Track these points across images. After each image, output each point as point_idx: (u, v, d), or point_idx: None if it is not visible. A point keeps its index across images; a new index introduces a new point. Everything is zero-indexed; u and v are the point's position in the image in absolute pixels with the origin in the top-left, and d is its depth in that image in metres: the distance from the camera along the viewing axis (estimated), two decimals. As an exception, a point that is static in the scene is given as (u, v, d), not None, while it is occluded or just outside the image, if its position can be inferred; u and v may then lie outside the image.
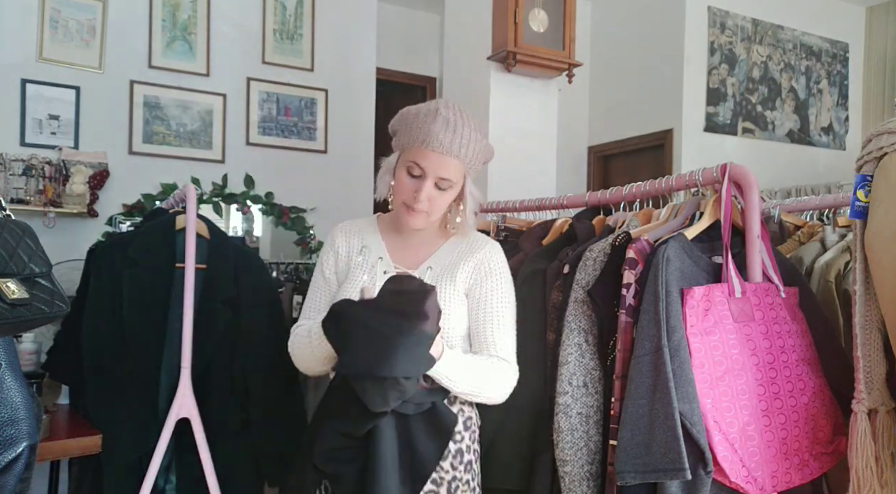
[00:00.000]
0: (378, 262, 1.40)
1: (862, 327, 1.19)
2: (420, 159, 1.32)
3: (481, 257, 1.41)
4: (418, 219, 1.35)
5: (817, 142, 4.80)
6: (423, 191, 1.31)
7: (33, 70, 2.95)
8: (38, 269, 1.39)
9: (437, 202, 1.34)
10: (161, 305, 1.87)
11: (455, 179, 1.34)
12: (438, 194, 1.34)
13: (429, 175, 1.32)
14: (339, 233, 1.47)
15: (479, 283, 1.39)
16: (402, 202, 1.35)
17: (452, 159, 1.32)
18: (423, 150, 1.31)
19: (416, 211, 1.34)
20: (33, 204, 2.78)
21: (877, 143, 1.15)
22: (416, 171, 1.32)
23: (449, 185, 1.34)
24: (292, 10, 3.58)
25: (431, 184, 1.32)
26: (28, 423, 1.39)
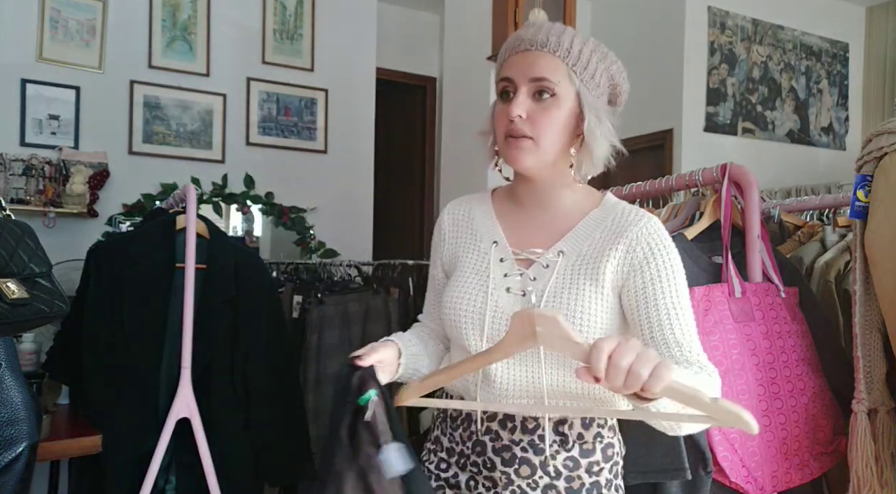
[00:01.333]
0: (492, 248, 1.09)
1: (862, 327, 1.19)
2: (506, 69, 1.05)
3: (634, 237, 1.02)
4: (523, 152, 1.02)
5: (817, 142, 4.79)
6: (516, 104, 1.01)
7: (33, 70, 2.95)
8: (38, 269, 1.40)
9: (541, 121, 1.01)
10: (161, 305, 1.87)
11: (555, 80, 1.01)
12: (539, 108, 1.01)
13: (519, 82, 1.02)
14: (447, 215, 1.20)
15: (637, 272, 1.01)
16: (501, 136, 1.05)
17: (544, 54, 1.02)
18: (508, 60, 1.05)
19: (517, 137, 1.02)
20: (33, 204, 2.78)
21: (877, 143, 1.15)
22: (507, 88, 1.04)
23: (550, 91, 1.01)
24: (292, 10, 3.58)
25: (525, 93, 1.02)
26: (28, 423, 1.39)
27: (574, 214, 1.09)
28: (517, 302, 1.03)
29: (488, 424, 1.06)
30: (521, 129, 1.01)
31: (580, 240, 1.05)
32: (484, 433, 1.06)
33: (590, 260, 1.03)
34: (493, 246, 1.10)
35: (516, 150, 1.02)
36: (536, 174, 1.06)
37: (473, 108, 2.97)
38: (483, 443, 1.06)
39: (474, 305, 1.05)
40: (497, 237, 1.11)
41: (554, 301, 1.01)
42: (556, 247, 1.06)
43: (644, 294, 1.00)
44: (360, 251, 3.59)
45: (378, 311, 2.62)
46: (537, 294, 1.02)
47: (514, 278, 1.05)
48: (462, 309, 1.06)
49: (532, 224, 1.10)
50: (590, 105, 1.03)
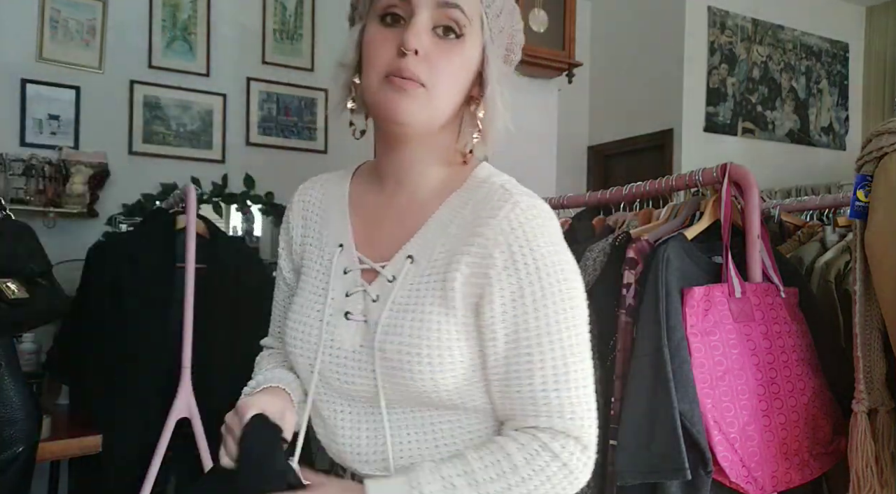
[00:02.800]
0: (336, 254, 0.82)
1: (862, 327, 1.19)
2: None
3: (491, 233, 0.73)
4: (410, 100, 0.74)
5: (817, 142, 4.79)
6: (414, 32, 0.73)
7: (33, 70, 2.94)
8: (38, 269, 1.40)
9: (441, 64, 0.75)
10: (161, 305, 1.87)
11: (469, 15, 0.75)
12: (440, 48, 0.75)
13: (419, 4, 0.74)
14: (296, 202, 0.93)
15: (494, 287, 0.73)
16: (378, 75, 0.75)
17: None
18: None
19: (407, 74, 0.73)
20: (33, 204, 2.78)
21: (877, 143, 1.15)
22: (398, 7, 0.75)
23: (458, 28, 0.75)
24: (292, 10, 3.58)
25: (426, 21, 0.74)
26: (27, 423, 1.39)
27: (432, 200, 0.80)
28: (358, 331, 0.78)
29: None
30: (412, 69, 0.73)
31: (432, 239, 0.77)
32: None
33: (438, 270, 0.75)
34: (337, 250, 0.83)
35: (401, 96, 0.73)
36: (413, 137, 0.78)
37: (473, 108, 2.97)
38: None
39: (308, 338, 0.80)
40: (343, 238, 0.83)
41: (393, 330, 0.74)
42: (403, 250, 0.78)
43: (503, 320, 0.72)
44: (360, 251, 3.59)
45: (378, 311, 2.62)
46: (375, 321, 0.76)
47: (356, 297, 0.79)
48: (297, 343, 0.82)
49: (387, 213, 0.83)
50: (495, 64, 0.80)
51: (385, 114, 0.76)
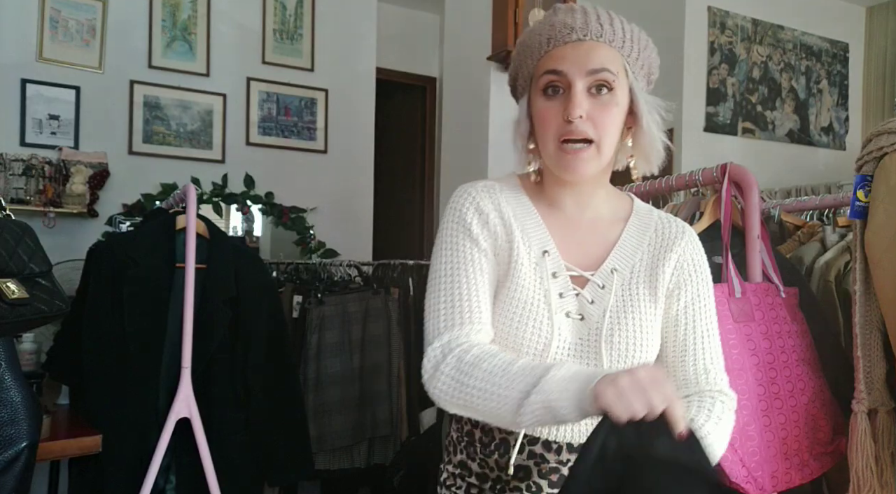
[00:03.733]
0: (543, 259, 0.95)
1: (862, 327, 1.19)
2: (554, 62, 0.91)
3: (682, 251, 0.99)
4: (584, 161, 0.90)
5: (817, 142, 4.79)
6: (576, 103, 0.88)
7: (33, 70, 2.95)
8: (38, 269, 1.40)
9: (603, 120, 0.90)
10: (161, 305, 1.87)
11: (615, 71, 0.90)
12: (598, 105, 0.90)
13: (574, 77, 0.89)
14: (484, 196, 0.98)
15: (682, 290, 0.98)
16: (552, 141, 0.91)
17: (601, 44, 0.91)
18: (553, 51, 0.92)
19: (578, 136, 0.89)
20: (33, 204, 2.78)
21: (877, 143, 1.15)
22: (557, 82, 0.91)
23: (609, 85, 0.90)
24: (292, 10, 3.58)
25: (583, 89, 0.89)
26: (28, 423, 1.39)
27: (614, 222, 1.00)
28: (575, 328, 0.94)
29: (530, 448, 0.95)
30: (583, 132, 0.89)
31: (630, 255, 0.98)
32: (528, 457, 0.95)
33: (644, 277, 0.97)
34: (544, 256, 0.95)
35: (577, 159, 0.90)
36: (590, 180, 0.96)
37: (473, 108, 2.97)
38: (527, 468, 0.95)
39: (539, 334, 0.92)
40: (547, 245, 0.96)
41: (617, 326, 0.93)
42: (608, 263, 0.97)
43: (685, 314, 0.97)
44: (360, 251, 3.59)
45: (378, 311, 2.62)
46: (596, 318, 0.93)
47: (569, 299, 0.94)
48: (525, 336, 0.92)
49: (575, 232, 0.98)
50: (644, 99, 0.95)
51: (563, 172, 0.93)
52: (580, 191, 0.99)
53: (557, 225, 0.98)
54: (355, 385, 2.57)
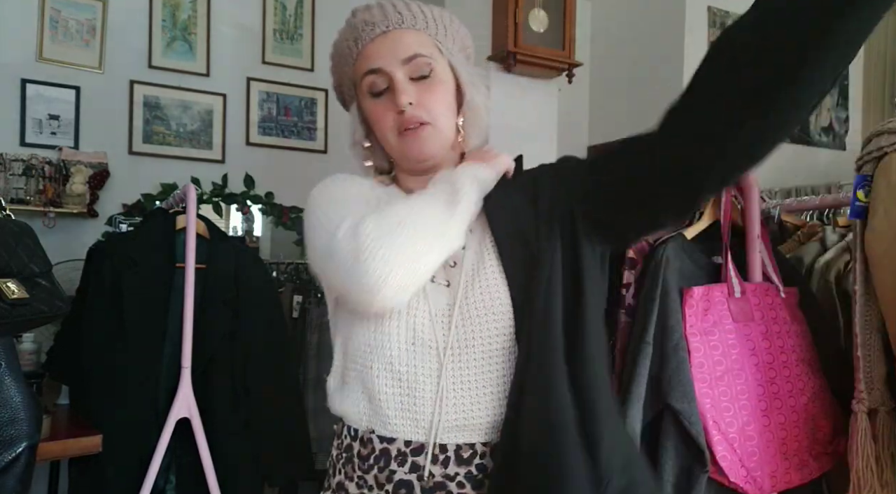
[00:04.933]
0: None
1: (862, 327, 1.19)
2: (368, 61, 0.93)
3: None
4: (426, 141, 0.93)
5: (817, 142, 4.79)
6: (401, 91, 0.91)
7: (33, 70, 2.94)
8: (38, 269, 1.40)
9: (432, 102, 0.93)
10: (161, 305, 1.87)
11: (428, 54, 0.93)
12: (423, 89, 0.93)
13: (391, 69, 0.92)
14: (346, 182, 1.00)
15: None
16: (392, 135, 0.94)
17: (404, 32, 0.93)
18: (363, 51, 0.94)
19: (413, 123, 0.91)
20: (33, 204, 2.78)
21: (877, 143, 1.15)
22: (377, 81, 0.93)
23: (427, 67, 0.92)
24: (292, 10, 3.58)
25: (404, 78, 0.92)
26: (28, 423, 1.39)
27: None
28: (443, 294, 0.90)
29: (413, 459, 0.87)
30: (417, 117, 0.91)
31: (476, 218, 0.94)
32: (410, 470, 0.86)
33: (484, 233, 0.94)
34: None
35: (418, 141, 0.92)
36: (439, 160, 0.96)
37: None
38: (409, 484, 0.86)
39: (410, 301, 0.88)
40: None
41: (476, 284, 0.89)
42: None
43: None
44: (360, 251, 3.58)
45: (378, 311, 2.62)
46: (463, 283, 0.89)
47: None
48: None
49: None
50: (466, 71, 0.98)
51: (409, 156, 0.95)
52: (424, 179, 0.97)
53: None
54: (355, 385, 2.56)
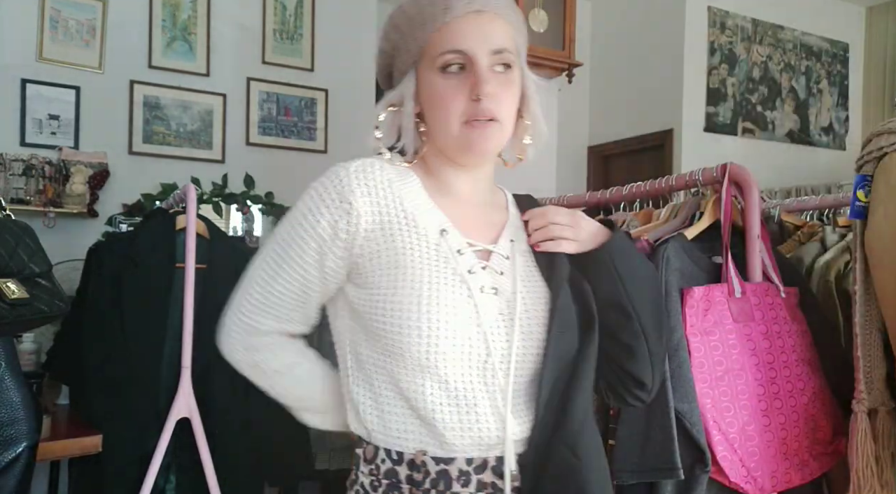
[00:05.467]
0: (443, 238, 0.87)
1: (862, 327, 1.19)
2: (455, 39, 0.85)
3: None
4: (491, 139, 0.87)
5: (817, 142, 4.79)
6: (485, 79, 0.84)
7: (33, 70, 2.94)
8: (38, 269, 1.40)
9: (505, 99, 0.87)
10: (161, 305, 1.87)
11: (513, 51, 0.88)
12: (500, 84, 0.86)
13: (478, 54, 0.85)
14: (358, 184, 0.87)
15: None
16: (458, 119, 0.86)
17: (497, 18, 0.87)
18: (454, 25, 0.85)
19: (485, 116, 0.85)
20: (33, 204, 2.78)
21: (877, 143, 1.15)
22: (456, 60, 0.85)
23: (510, 63, 0.87)
24: (292, 10, 3.58)
25: (488, 66, 0.85)
26: (28, 423, 1.39)
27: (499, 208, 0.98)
28: (494, 303, 0.86)
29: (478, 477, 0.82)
30: (490, 110, 0.85)
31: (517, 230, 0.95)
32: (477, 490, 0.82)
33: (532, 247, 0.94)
34: (442, 235, 0.87)
35: (484, 136, 0.86)
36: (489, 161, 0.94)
37: (473, 108, 2.97)
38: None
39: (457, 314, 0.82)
40: (444, 224, 0.88)
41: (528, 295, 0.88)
42: (504, 235, 0.93)
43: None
44: (360, 251, 3.58)
45: (378, 311, 2.62)
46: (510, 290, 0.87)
47: (480, 274, 0.86)
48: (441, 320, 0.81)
49: (469, 213, 0.92)
50: (530, 78, 0.92)
51: (467, 151, 0.89)
52: (476, 176, 0.94)
53: (450, 206, 0.91)
54: (355, 385, 2.56)
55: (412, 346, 0.81)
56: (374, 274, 0.85)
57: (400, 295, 0.82)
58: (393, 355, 0.83)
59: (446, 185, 0.93)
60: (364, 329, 0.87)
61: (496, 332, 0.84)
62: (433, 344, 0.81)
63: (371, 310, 0.84)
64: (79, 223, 2.95)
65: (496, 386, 0.83)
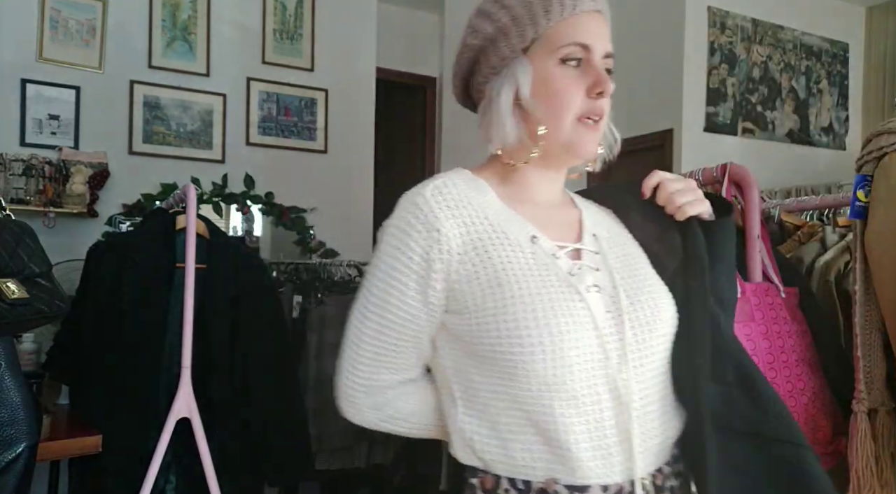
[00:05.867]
0: (535, 245, 0.83)
1: (862, 327, 1.19)
2: (580, 33, 0.83)
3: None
4: (596, 135, 0.85)
5: (817, 142, 4.79)
6: (605, 78, 0.83)
7: (33, 70, 2.95)
8: (38, 269, 1.40)
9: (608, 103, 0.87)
10: (161, 305, 1.87)
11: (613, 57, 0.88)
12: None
13: (598, 52, 0.84)
14: (440, 207, 0.82)
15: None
16: (572, 114, 0.83)
17: (605, 24, 0.88)
18: (578, 19, 0.83)
19: (597, 115, 0.84)
20: (33, 204, 2.78)
21: (877, 143, 1.15)
22: (577, 54, 0.83)
23: (611, 69, 0.88)
24: (292, 10, 3.58)
25: (603, 67, 0.85)
26: (28, 423, 1.39)
27: (568, 205, 0.94)
28: (600, 301, 0.82)
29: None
30: (601, 109, 0.84)
31: (594, 224, 0.91)
32: None
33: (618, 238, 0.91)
34: (534, 242, 0.83)
35: (593, 136, 0.84)
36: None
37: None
38: None
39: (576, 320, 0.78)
40: (532, 231, 0.84)
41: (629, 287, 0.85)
42: (586, 231, 0.89)
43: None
44: (360, 251, 3.59)
45: (378, 311, 2.62)
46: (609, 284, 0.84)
47: (579, 275, 0.83)
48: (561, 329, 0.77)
49: (546, 215, 0.89)
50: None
51: (579, 152, 0.85)
52: (558, 177, 0.92)
53: (528, 211, 0.87)
54: (355, 385, 2.56)
55: (536, 364, 0.76)
56: (475, 297, 0.80)
57: (512, 313, 0.77)
58: (515, 377, 0.77)
59: (523, 189, 0.89)
60: (473, 356, 0.81)
61: (608, 332, 0.80)
62: (558, 357, 0.76)
63: (481, 335, 0.79)
64: (79, 223, 2.95)
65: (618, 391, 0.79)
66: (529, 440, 0.78)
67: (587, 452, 0.77)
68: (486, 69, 0.87)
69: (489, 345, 0.78)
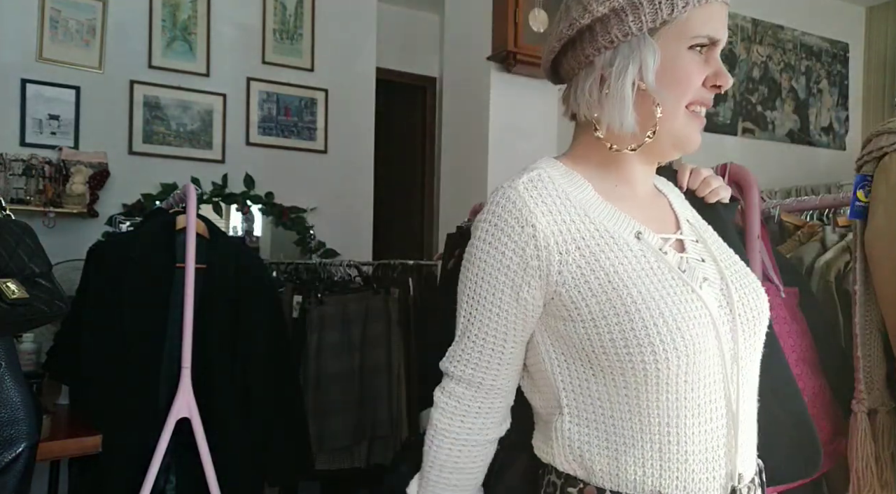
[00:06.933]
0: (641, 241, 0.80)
1: (862, 327, 1.19)
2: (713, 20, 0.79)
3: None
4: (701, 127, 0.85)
5: (817, 142, 4.79)
6: (727, 75, 0.81)
7: (33, 70, 2.95)
8: (38, 269, 1.40)
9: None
10: (161, 305, 1.87)
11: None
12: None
13: (718, 44, 0.81)
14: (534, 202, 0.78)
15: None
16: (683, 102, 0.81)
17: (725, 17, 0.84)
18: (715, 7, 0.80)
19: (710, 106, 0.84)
20: (33, 204, 2.78)
21: (877, 143, 1.15)
22: (706, 43, 0.80)
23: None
24: (292, 10, 3.58)
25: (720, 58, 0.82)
26: (28, 423, 1.39)
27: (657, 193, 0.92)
28: (712, 294, 0.79)
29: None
30: (710, 101, 0.83)
31: (683, 211, 0.90)
32: None
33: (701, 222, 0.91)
34: (639, 238, 0.79)
35: (700, 127, 0.83)
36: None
37: (473, 109, 2.97)
38: None
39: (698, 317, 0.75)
40: (636, 226, 0.81)
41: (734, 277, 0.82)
42: (681, 220, 0.87)
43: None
44: (360, 251, 3.59)
45: (378, 311, 2.62)
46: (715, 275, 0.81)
47: (689, 269, 0.80)
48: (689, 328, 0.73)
49: (642, 205, 0.85)
50: None
51: (685, 145, 0.83)
52: (652, 169, 0.90)
53: (625, 202, 0.83)
54: (355, 385, 2.56)
55: (671, 371, 0.72)
56: (589, 305, 0.75)
57: (640, 320, 0.72)
58: (642, 387, 0.73)
59: (623, 180, 0.85)
60: (590, 364, 0.77)
61: (723, 330, 0.76)
62: (691, 363, 0.72)
63: (604, 345, 0.74)
64: (79, 223, 2.95)
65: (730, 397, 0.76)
66: (644, 453, 0.74)
67: (700, 464, 0.74)
68: (602, 40, 0.79)
69: (615, 355, 0.73)
